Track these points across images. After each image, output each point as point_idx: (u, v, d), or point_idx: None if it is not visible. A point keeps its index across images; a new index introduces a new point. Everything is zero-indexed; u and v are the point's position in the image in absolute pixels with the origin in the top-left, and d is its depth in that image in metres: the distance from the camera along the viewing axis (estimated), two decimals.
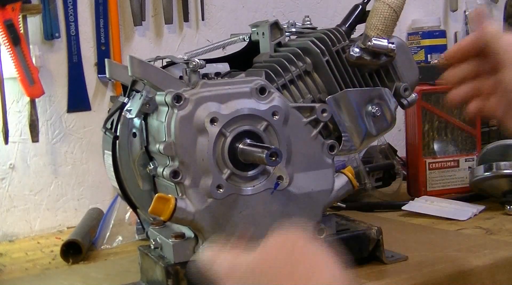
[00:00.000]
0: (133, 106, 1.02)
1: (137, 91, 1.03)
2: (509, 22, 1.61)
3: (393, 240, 1.13)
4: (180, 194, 0.93)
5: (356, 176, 1.21)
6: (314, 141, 1.00)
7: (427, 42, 2.02)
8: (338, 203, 1.44)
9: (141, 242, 1.26)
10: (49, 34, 1.51)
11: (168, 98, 0.92)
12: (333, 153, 1.01)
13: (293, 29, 1.13)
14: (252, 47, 1.13)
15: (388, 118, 1.07)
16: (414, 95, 1.10)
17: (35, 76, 1.41)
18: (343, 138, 1.04)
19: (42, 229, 1.52)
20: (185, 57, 1.00)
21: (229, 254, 0.68)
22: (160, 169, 0.96)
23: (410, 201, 1.42)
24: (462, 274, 1.02)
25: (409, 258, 1.06)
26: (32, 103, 1.45)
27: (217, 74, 1.09)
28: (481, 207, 1.37)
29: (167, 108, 0.94)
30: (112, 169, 1.04)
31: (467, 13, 2.17)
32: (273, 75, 1.02)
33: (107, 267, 1.18)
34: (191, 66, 0.95)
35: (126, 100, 1.04)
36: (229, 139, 0.94)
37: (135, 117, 1.02)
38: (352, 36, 1.11)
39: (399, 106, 1.10)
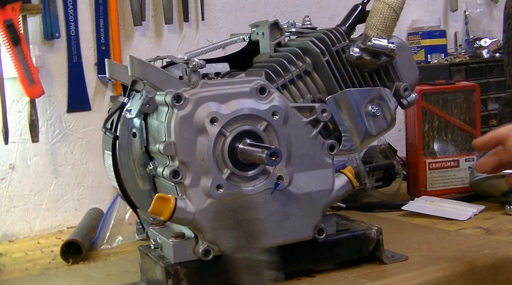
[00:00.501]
0: (133, 106, 1.02)
1: (137, 91, 1.03)
2: (509, 23, 1.60)
3: (393, 240, 1.13)
4: (180, 194, 0.93)
5: (356, 176, 1.21)
6: (314, 141, 1.00)
7: (427, 42, 2.02)
8: (338, 203, 1.44)
9: (141, 242, 1.26)
10: (49, 34, 1.51)
11: (168, 98, 0.92)
12: (333, 153, 1.01)
13: (293, 29, 1.13)
14: (252, 47, 1.13)
15: (388, 118, 1.07)
16: (414, 95, 1.10)
17: (35, 76, 1.41)
18: (343, 138, 1.04)
19: (42, 229, 1.52)
20: (185, 57, 1.00)
21: None
22: (160, 169, 0.96)
23: (410, 201, 1.42)
24: (462, 274, 1.02)
25: (409, 258, 1.06)
26: (32, 103, 1.45)
27: (217, 74, 1.09)
28: (481, 207, 1.37)
29: (167, 108, 0.94)
30: (112, 169, 1.04)
31: (467, 13, 2.18)
32: (273, 75, 1.02)
33: (107, 267, 1.18)
34: (191, 66, 0.95)
35: (126, 100, 1.04)
36: (229, 139, 0.94)
37: (135, 117, 1.02)
38: (352, 36, 1.11)
39: (399, 106, 1.10)
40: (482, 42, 2.02)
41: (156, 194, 0.91)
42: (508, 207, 1.33)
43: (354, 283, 0.97)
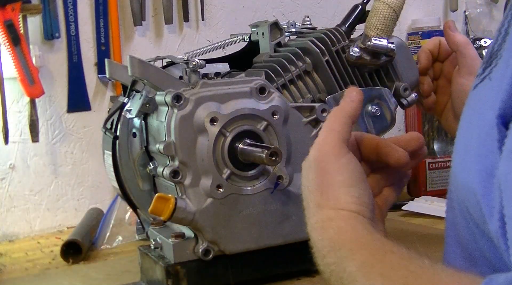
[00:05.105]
0: (133, 106, 1.02)
1: (137, 91, 1.03)
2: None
3: None
4: (180, 194, 0.93)
5: None
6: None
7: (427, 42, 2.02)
8: None
9: (141, 242, 1.26)
10: (49, 34, 1.51)
11: (168, 98, 0.92)
12: None
13: (293, 29, 1.13)
14: (252, 47, 1.13)
15: (388, 118, 1.07)
16: (414, 95, 1.10)
17: (35, 76, 1.41)
18: None
19: (42, 229, 1.52)
20: (185, 57, 1.00)
21: None
22: (160, 169, 0.96)
23: (410, 201, 1.42)
24: None
25: None
26: (32, 103, 1.45)
27: (217, 74, 1.09)
28: None
29: (167, 108, 0.94)
30: (112, 169, 1.04)
31: (467, 13, 2.18)
32: (273, 75, 1.03)
33: (107, 267, 1.18)
34: (191, 66, 0.95)
35: (126, 100, 1.04)
36: (229, 139, 0.94)
37: (135, 117, 1.02)
38: (352, 36, 1.11)
39: (399, 106, 1.10)
40: (482, 42, 2.01)
41: (156, 194, 0.91)
42: None
43: None
